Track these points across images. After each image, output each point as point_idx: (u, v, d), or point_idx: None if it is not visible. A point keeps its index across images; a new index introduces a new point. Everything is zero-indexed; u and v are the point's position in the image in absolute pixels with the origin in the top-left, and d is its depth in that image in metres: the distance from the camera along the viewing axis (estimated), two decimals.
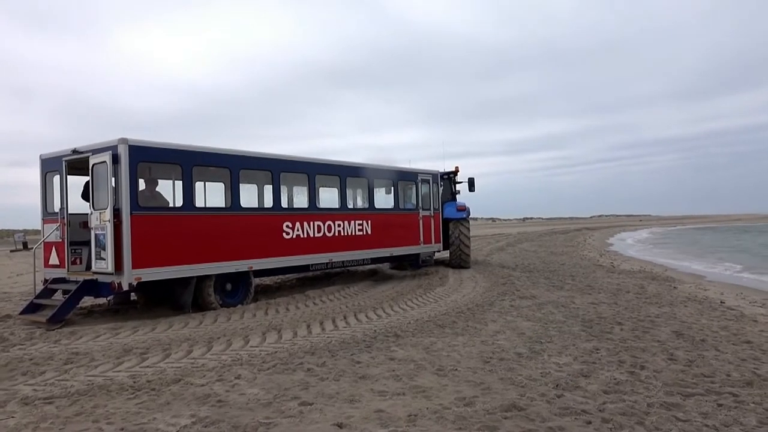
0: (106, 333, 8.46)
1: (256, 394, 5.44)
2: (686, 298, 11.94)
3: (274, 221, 11.81)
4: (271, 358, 6.85)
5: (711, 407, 5.06)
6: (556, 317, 9.40)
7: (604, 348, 7.25)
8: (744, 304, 11.90)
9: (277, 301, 11.38)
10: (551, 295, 11.97)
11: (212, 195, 12.15)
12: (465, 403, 5.10)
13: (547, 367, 6.32)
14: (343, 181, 13.71)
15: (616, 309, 10.23)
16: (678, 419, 4.73)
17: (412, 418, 4.74)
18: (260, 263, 11.42)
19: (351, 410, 4.95)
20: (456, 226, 17.60)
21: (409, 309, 10.45)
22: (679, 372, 6.17)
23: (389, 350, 7.19)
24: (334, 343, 7.59)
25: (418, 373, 6.13)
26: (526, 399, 5.21)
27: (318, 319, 9.36)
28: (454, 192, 18.89)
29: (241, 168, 11.17)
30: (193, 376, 6.07)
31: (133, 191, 9.33)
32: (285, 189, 13.29)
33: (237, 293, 11.10)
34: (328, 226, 13.03)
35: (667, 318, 9.41)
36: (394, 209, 15.37)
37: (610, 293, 12.36)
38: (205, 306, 10.42)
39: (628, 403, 5.11)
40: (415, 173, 16.14)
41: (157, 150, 9.86)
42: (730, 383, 5.78)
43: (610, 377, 5.94)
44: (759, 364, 6.57)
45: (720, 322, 9.26)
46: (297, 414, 4.88)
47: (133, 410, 4.99)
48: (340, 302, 11.38)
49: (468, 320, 9.17)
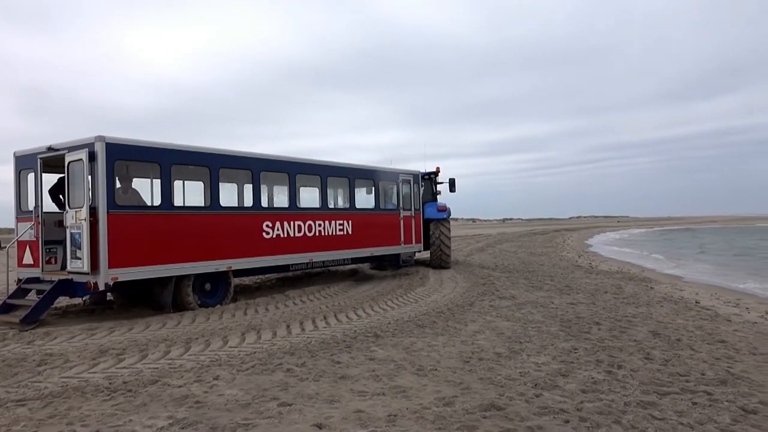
0: (81, 334, 8.32)
1: (234, 394, 5.39)
2: (662, 299, 12.11)
3: (253, 221, 11.73)
4: (250, 358, 6.79)
5: (686, 406, 5.13)
6: (535, 317, 9.47)
7: (582, 348, 7.32)
8: (718, 304, 12.11)
9: (256, 302, 11.29)
10: (530, 296, 12.06)
11: (191, 194, 12.03)
12: (444, 403, 5.11)
13: (526, 367, 6.36)
14: (324, 181, 13.66)
15: (594, 309, 10.34)
16: (654, 418, 4.80)
17: (391, 418, 4.73)
18: (240, 263, 11.33)
19: (330, 411, 4.93)
20: (437, 226, 17.65)
21: (390, 309, 10.45)
22: (655, 371, 6.25)
23: (369, 350, 7.18)
24: (314, 344, 7.55)
25: (398, 373, 6.12)
26: (505, 398, 5.23)
27: (298, 320, 9.32)
28: (435, 192, 18.95)
29: (221, 167, 11.08)
30: (171, 377, 5.99)
31: (110, 190, 9.19)
32: (265, 188, 13.20)
33: (216, 293, 10.99)
34: (308, 225, 12.97)
35: (644, 318, 9.53)
36: (374, 209, 15.36)
37: (589, 293, 12.49)
38: (184, 306, 10.30)
39: (606, 402, 5.17)
40: (396, 173, 16.15)
41: (135, 148, 9.73)
42: (704, 382, 5.88)
43: (588, 376, 6.00)
44: (733, 363, 6.69)
45: (695, 321, 9.41)
46: (276, 415, 4.84)
47: (108, 412, 4.91)
48: (320, 302, 11.34)
49: (448, 320, 9.20)
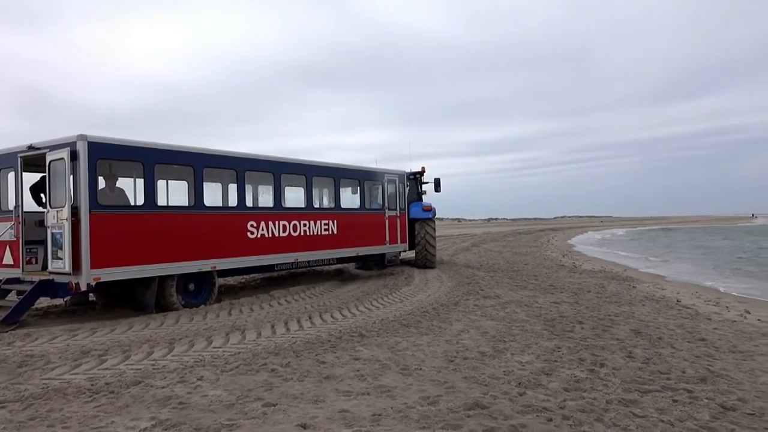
0: (62, 335, 8.22)
1: (218, 395, 5.37)
2: (644, 298, 12.26)
3: (238, 220, 11.67)
4: (235, 359, 6.76)
5: (667, 403, 5.21)
6: (520, 316, 9.54)
7: (565, 346, 7.39)
8: (699, 303, 12.28)
9: (241, 302, 11.24)
10: (515, 295, 12.14)
11: (175, 193, 11.94)
12: (429, 402, 5.14)
13: (510, 366, 6.41)
14: (309, 181, 13.63)
15: (577, 308, 10.44)
16: (635, 415, 4.86)
17: (376, 417, 4.75)
18: (224, 263, 11.27)
19: (315, 411, 4.93)
20: (422, 226, 17.69)
21: (375, 309, 10.46)
22: (636, 369, 6.33)
23: (354, 350, 7.19)
24: (299, 344, 7.54)
25: (382, 373, 6.14)
26: (489, 397, 5.27)
27: (283, 320, 9.29)
28: (420, 192, 18.99)
29: (205, 166, 11.00)
30: (154, 378, 5.95)
31: (92, 189, 9.10)
32: (250, 188, 13.14)
33: (200, 293, 10.92)
34: (293, 225, 12.94)
35: (626, 317, 9.64)
36: (360, 209, 15.36)
37: (572, 293, 12.60)
38: (167, 306, 10.21)
39: (588, 400, 5.22)
40: (381, 173, 16.15)
41: (118, 147, 9.63)
42: (685, 380, 5.96)
43: (571, 375, 6.06)
44: (712, 361, 6.80)
45: (676, 320, 9.54)
46: (260, 415, 4.83)
47: (90, 414, 4.87)
48: (306, 302, 11.32)
49: (433, 320, 9.23)
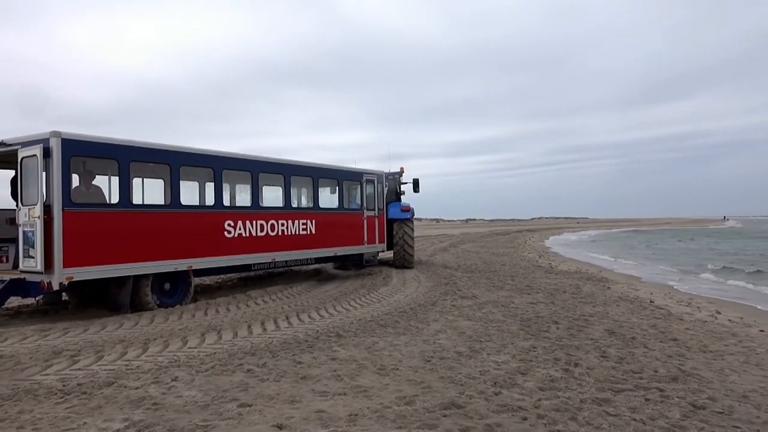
0: (33, 335, 8.06)
1: (193, 396, 5.31)
2: (619, 298, 12.44)
3: (215, 219, 11.56)
4: (210, 359, 6.70)
5: (639, 402, 5.29)
6: (496, 317, 9.61)
7: (540, 346, 7.46)
8: (671, 303, 12.51)
9: (217, 301, 11.14)
10: (492, 295, 12.23)
11: (151, 192, 11.79)
12: (405, 402, 5.15)
13: (486, 366, 6.46)
14: (287, 180, 13.57)
15: (553, 308, 10.55)
16: (608, 414, 4.93)
17: (352, 417, 4.74)
18: (200, 262, 11.16)
19: (291, 411, 4.91)
20: (400, 226, 17.73)
21: (352, 309, 10.45)
22: (610, 369, 6.42)
23: (331, 350, 7.17)
24: (276, 344, 7.50)
25: (359, 373, 6.14)
26: (465, 397, 5.30)
27: (259, 320, 9.23)
28: (399, 192, 19.03)
29: (182, 164, 10.88)
30: (128, 379, 5.87)
31: (66, 186, 8.94)
32: (227, 187, 13.04)
33: (176, 293, 10.80)
34: (271, 225, 12.86)
35: (601, 317, 9.78)
36: (338, 209, 15.33)
37: (548, 293, 12.73)
38: (142, 306, 10.08)
39: (562, 399, 5.28)
40: (360, 173, 16.15)
41: (92, 144, 9.47)
42: (657, 379, 6.07)
43: (546, 374, 6.13)
44: (684, 361, 6.93)
45: (649, 320, 9.70)
46: (236, 416, 4.79)
47: (61, 415, 4.78)
48: (283, 302, 11.26)
49: (410, 320, 9.25)
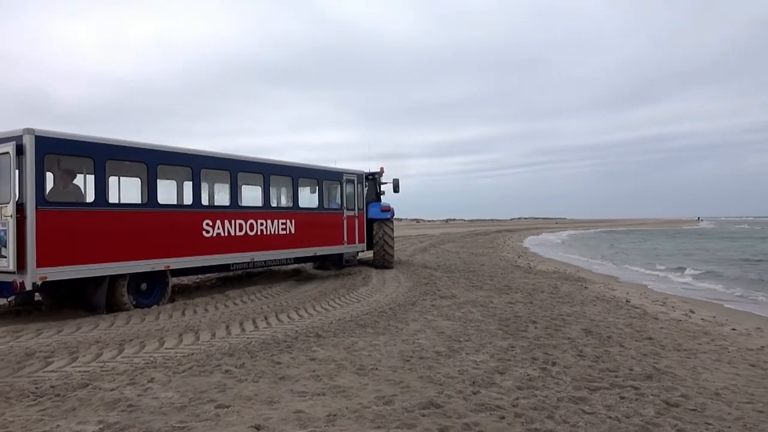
0: (5, 336, 7.90)
1: (170, 397, 5.26)
2: (595, 298, 12.59)
3: (193, 219, 11.44)
4: (187, 360, 6.64)
5: (614, 400, 5.36)
6: (475, 316, 9.66)
7: (519, 345, 7.52)
8: (647, 302, 12.70)
9: (195, 302, 11.04)
10: (471, 295, 12.29)
11: (128, 190, 11.63)
12: (384, 402, 5.15)
13: (464, 365, 6.49)
14: (267, 180, 13.49)
15: (531, 308, 10.64)
16: (584, 412, 4.99)
17: (331, 418, 4.73)
18: (178, 262, 11.04)
19: (269, 412, 4.88)
20: (380, 226, 17.73)
21: (332, 309, 10.42)
22: (586, 367, 6.50)
23: (310, 350, 7.15)
24: (254, 344, 7.45)
25: (338, 373, 6.12)
26: (443, 396, 5.32)
27: (238, 320, 9.17)
28: (379, 192, 19.03)
29: (159, 163, 10.75)
30: (102, 381, 5.78)
31: (39, 185, 8.78)
32: (206, 186, 12.91)
33: (152, 293, 10.67)
34: (250, 224, 12.78)
35: (578, 316, 9.89)
36: (318, 209, 15.29)
37: (526, 293, 12.84)
38: (118, 307, 9.94)
39: (540, 398, 5.33)
40: (340, 173, 16.12)
41: (67, 142, 9.32)
42: (632, 377, 6.16)
43: (524, 373, 6.18)
44: (658, 359, 7.04)
45: (625, 320, 9.84)
46: (213, 417, 4.75)
47: (34, 418, 4.70)
48: (262, 302, 11.19)
49: (390, 320, 9.26)
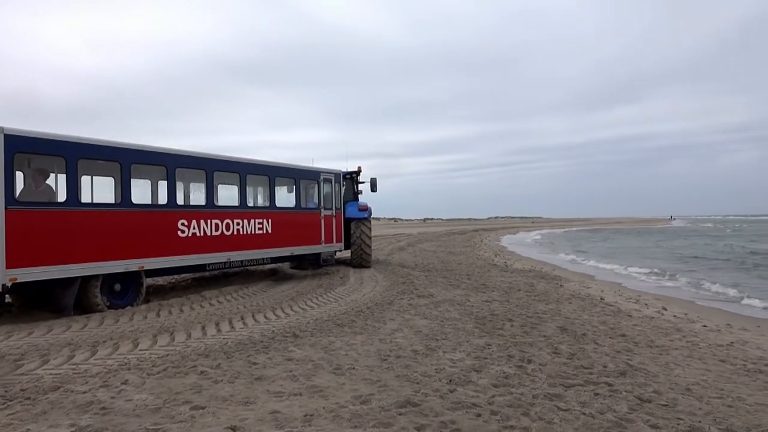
0: None
1: (144, 399, 5.19)
2: (571, 296, 12.75)
3: (168, 218, 11.31)
4: (162, 361, 6.56)
5: (589, 396, 5.44)
6: (452, 315, 9.71)
7: (495, 344, 7.58)
8: (621, 300, 12.89)
9: (170, 302, 10.91)
10: (448, 294, 12.35)
11: (101, 190, 11.45)
12: (361, 401, 5.15)
13: (441, 364, 6.52)
14: (243, 179, 13.38)
15: (507, 306, 10.73)
16: (559, 409, 5.05)
17: (308, 418, 4.72)
18: (153, 262, 10.89)
19: (245, 412, 4.85)
20: (358, 225, 17.72)
21: (309, 309, 10.39)
22: (562, 365, 6.58)
23: (287, 350, 7.12)
24: (230, 345, 7.40)
25: (315, 373, 6.11)
26: (420, 395, 5.34)
27: (214, 320, 9.08)
28: (357, 192, 19.02)
29: (133, 162, 10.59)
30: (75, 383, 5.69)
31: (9, 184, 8.59)
32: (181, 185, 12.77)
33: (127, 294, 10.52)
34: (226, 224, 12.67)
35: (553, 314, 10.00)
36: (295, 208, 15.22)
37: (503, 291, 12.94)
38: (91, 308, 9.78)
39: (515, 395, 5.38)
40: (317, 172, 16.06)
41: (38, 141, 9.12)
42: (606, 374, 6.25)
43: (500, 371, 6.23)
44: (632, 356, 7.15)
45: (599, 317, 9.98)
46: (188, 419, 4.70)
47: (3, 422, 4.60)
48: (238, 302, 11.10)
49: (367, 319, 9.26)
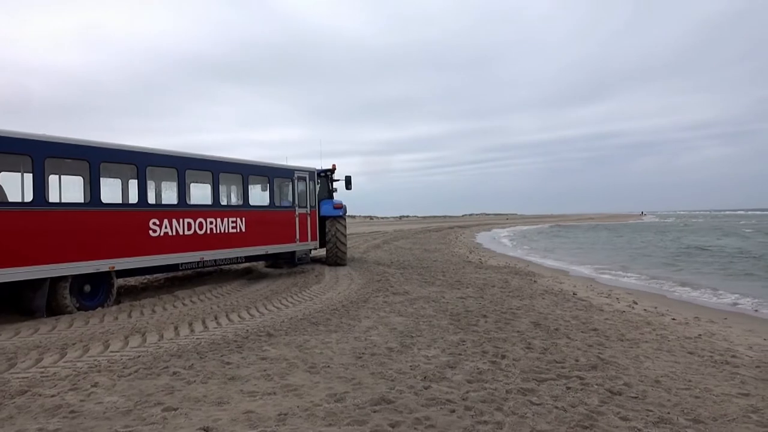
0: None
1: (114, 401, 5.10)
2: (544, 291, 12.90)
3: (139, 218, 11.13)
4: (134, 363, 6.46)
5: (561, 390, 5.51)
6: (427, 312, 9.75)
7: (469, 340, 7.64)
8: (593, 295, 13.09)
9: (142, 303, 10.75)
10: (423, 291, 12.39)
11: (69, 189, 11.22)
12: (336, 399, 5.14)
13: (416, 360, 6.54)
14: (216, 177, 13.23)
15: (482, 302, 10.82)
16: (532, 403, 5.11)
17: (282, 417, 4.69)
18: (124, 263, 10.72)
19: (219, 413, 4.80)
20: (333, 223, 17.68)
21: (284, 307, 10.33)
22: (535, 359, 6.66)
23: (261, 350, 7.07)
24: (204, 345, 7.32)
25: (290, 372, 6.08)
26: (395, 392, 5.35)
27: (187, 321, 8.98)
28: (331, 190, 18.96)
29: (102, 161, 10.40)
30: (43, 387, 5.57)
31: None
32: (152, 184, 12.60)
33: (97, 295, 10.34)
34: (199, 223, 12.52)
35: (527, 310, 10.11)
36: (269, 206, 15.11)
37: (477, 288, 13.04)
38: (60, 310, 9.58)
39: (489, 390, 5.43)
40: (291, 170, 15.97)
41: (2, 139, 8.91)
42: (578, 368, 6.34)
43: (474, 367, 6.28)
44: (603, 349, 7.27)
45: (572, 312, 10.12)
46: (160, 420, 4.64)
47: None
48: (212, 302, 10.99)
49: (342, 317, 9.25)
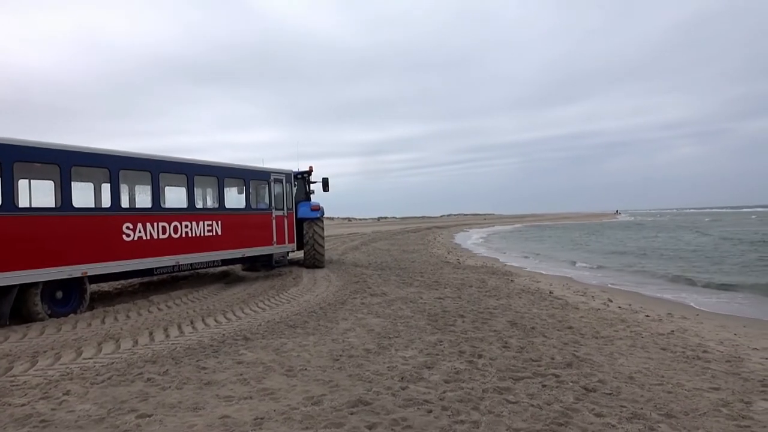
0: None
1: (87, 409, 5.02)
2: (521, 290, 13.01)
3: (112, 222, 10.95)
4: (107, 369, 6.35)
5: (537, 388, 5.56)
6: (405, 313, 9.77)
7: (447, 340, 7.67)
8: (569, 293, 13.24)
9: (116, 308, 10.56)
10: (401, 292, 12.41)
11: (39, 194, 11.00)
12: (313, 402, 5.13)
13: (393, 362, 6.55)
14: (191, 180, 13.08)
15: (459, 303, 10.87)
16: (508, 401, 5.15)
17: (258, 421, 4.66)
18: (96, 268, 10.53)
19: (194, 419, 4.75)
20: (310, 225, 17.60)
21: (261, 311, 10.26)
22: (511, 358, 6.71)
23: (238, 354, 7.01)
24: (179, 350, 7.23)
25: (266, 376, 6.04)
26: (372, 393, 5.35)
27: (162, 326, 8.86)
28: (309, 192, 18.89)
29: (73, 165, 10.21)
30: (12, 396, 5.45)
31: None
32: (126, 188, 12.41)
33: (69, 301, 10.14)
34: (174, 227, 12.36)
35: (504, 309, 10.18)
36: (246, 209, 14.99)
37: (455, 288, 13.10)
38: (31, 317, 9.38)
39: (466, 390, 5.46)
40: (267, 172, 15.87)
41: None
42: (553, 366, 6.41)
43: (451, 367, 6.30)
44: (578, 347, 7.36)
45: (548, 310, 10.22)
46: (134, 428, 4.57)
47: None
48: (188, 306, 10.86)
49: (320, 319, 9.22)
